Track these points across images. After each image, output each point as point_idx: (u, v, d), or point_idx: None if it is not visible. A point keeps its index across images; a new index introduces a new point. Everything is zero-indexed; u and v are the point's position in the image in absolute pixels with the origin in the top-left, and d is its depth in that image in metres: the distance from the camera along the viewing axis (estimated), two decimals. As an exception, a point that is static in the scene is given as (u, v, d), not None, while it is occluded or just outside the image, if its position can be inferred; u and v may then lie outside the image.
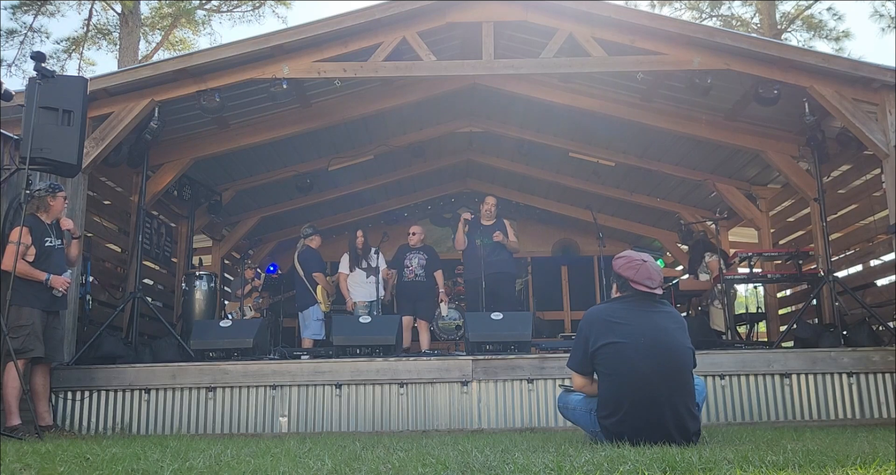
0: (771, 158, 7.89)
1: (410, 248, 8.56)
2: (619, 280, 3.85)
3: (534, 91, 8.08)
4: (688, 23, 7.78)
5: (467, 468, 2.67)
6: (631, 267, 3.78)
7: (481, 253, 7.99)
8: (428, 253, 8.59)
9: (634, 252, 3.93)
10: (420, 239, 8.62)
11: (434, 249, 8.85)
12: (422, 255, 8.52)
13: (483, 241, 8.07)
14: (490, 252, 8.04)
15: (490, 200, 8.38)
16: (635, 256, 3.84)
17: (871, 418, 5.81)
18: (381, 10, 6.54)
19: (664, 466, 2.56)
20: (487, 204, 8.32)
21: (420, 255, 8.52)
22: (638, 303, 3.78)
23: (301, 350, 7.71)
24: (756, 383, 5.91)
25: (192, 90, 6.66)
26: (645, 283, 3.73)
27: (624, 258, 3.85)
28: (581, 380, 3.90)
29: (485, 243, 8.07)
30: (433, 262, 8.54)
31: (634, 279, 3.74)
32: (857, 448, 3.23)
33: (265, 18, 35.48)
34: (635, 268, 3.76)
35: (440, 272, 8.58)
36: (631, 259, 3.82)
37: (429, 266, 8.48)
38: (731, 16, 20.31)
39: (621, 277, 3.81)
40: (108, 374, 5.97)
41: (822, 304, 7.40)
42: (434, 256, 8.62)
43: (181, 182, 8.23)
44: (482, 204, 8.42)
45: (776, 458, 2.76)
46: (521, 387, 5.91)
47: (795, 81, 6.54)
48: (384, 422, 5.83)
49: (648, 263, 3.80)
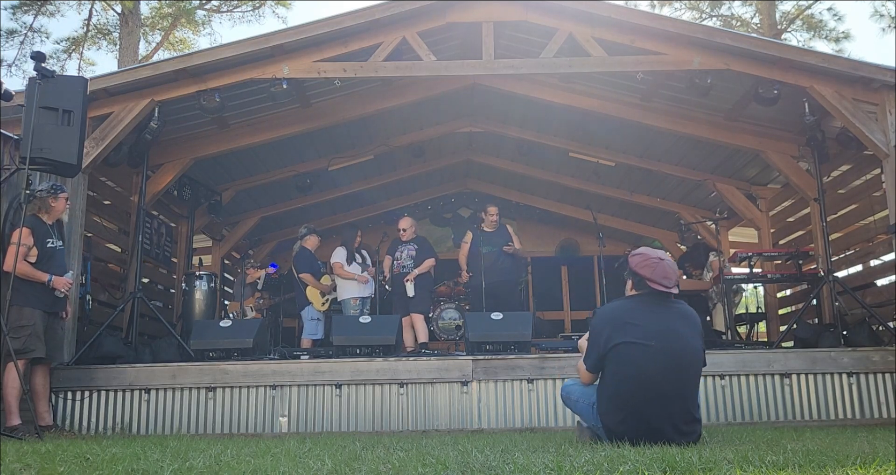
0: (771, 158, 7.89)
1: (402, 241, 8.47)
2: (634, 277, 3.77)
3: (534, 91, 8.08)
4: (688, 23, 7.79)
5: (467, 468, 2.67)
6: (648, 265, 3.71)
7: (487, 261, 7.98)
8: (419, 244, 8.43)
9: (650, 249, 3.85)
10: (412, 233, 8.45)
11: (427, 240, 8.72)
12: (412, 247, 8.38)
13: (488, 249, 8.07)
14: (495, 260, 8.04)
15: (493, 210, 8.33)
16: (652, 254, 3.77)
17: (871, 418, 5.81)
18: (381, 10, 6.54)
19: (664, 466, 2.56)
20: (491, 214, 8.26)
21: (410, 247, 8.38)
22: (653, 302, 3.72)
23: (301, 350, 7.71)
24: (756, 383, 5.91)
25: (192, 90, 6.65)
26: (662, 283, 3.68)
27: (640, 256, 3.77)
28: (591, 378, 3.87)
29: (490, 251, 8.07)
30: (423, 252, 8.34)
31: (651, 277, 3.68)
32: (857, 448, 3.23)
33: (265, 18, 35.40)
34: (652, 267, 3.70)
35: (431, 260, 8.33)
36: (648, 257, 3.75)
37: (419, 256, 8.29)
38: (731, 16, 20.31)
39: (637, 275, 3.74)
40: (108, 374, 5.97)
41: (822, 304, 7.40)
42: (425, 247, 8.43)
43: (181, 182, 8.23)
44: (484, 213, 8.36)
45: (776, 458, 2.76)
46: (521, 387, 5.91)
47: (795, 81, 6.53)
48: (384, 422, 5.83)
49: (665, 262, 3.73)
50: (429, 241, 8.67)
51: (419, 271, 8.19)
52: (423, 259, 8.28)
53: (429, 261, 8.29)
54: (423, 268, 8.23)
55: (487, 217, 8.30)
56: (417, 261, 8.29)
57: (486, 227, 8.29)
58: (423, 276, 8.25)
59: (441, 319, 9.64)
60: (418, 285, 8.19)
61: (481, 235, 8.19)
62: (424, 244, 8.49)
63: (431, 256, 8.37)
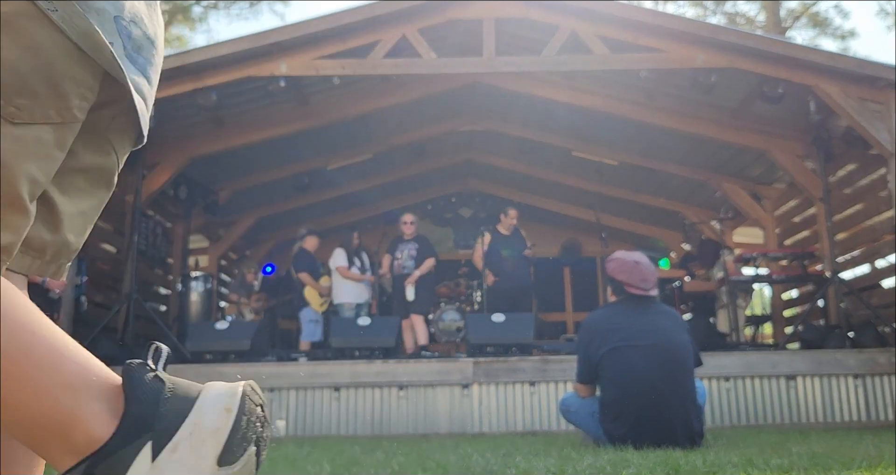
0: (776, 157, 7.83)
1: (403, 240, 8.24)
2: (612, 283, 3.86)
3: (535, 89, 8.03)
4: (691, 20, 7.75)
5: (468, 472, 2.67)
6: (624, 270, 3.78)
7: (508, 265, 7.91)
8: (420, 243, 8.19)
9: (625, 253, 3.93)
10: (415, 229, 8.24)
11: (427, 239, 8.46)
12: (412, 246, 8.15)
13: (508, 253, 8.01)
14: (516, 264, 7.97)
15: (513, 213, 8.16)
16: (627, 258, 3.84)
17: (877, 420, 5.78)
18: (380, 6, 6.48)
19: (668, 470, 2.55)
20: (512, 217, 8.10)
21: (411, 246, 8.15)
22: (634, 304, 3.78)
23: (299, 352, 7.65)
24: (761, 385, 5.87)
25: (188, 88, 6.60)
26: (639, 286, 3.76)
27: (616, 261, 3.85)
28: (587, 391, 3.92)
29: (510, 255, 8.01)
30: (424, 252, 8.08)
31: (628, 282, 3.76)
32: (863, 451, 3.22)
33: (262, 15, 35.43)
34: (628, 271, 3.77)
35: (431, 260, 8.06)
36: (623, 261, 3.81)
37: (420, 256, 8.07)
38: (735, 13, 20.34)
39: (615, 281, 3.82)
40: (103, 376, 5.89)
41: (828, 306, 7.34)
42: (426, 246, 8.20)
43: (177, 181, 8.16)
44: (504, 215, 8.19)
45: (781, 462, 2.75)
46: (522, 389, 5.85)
47: (801, 80, 6.48)
48: (383, 426, 5.77)
49: (641, 264, 3.80)
50: (429, 240, 8.50)
51: (420, 273, 8.01)
52: (423, 259, 8.09)
53: (429, 262, 8.05)
54: (424, 269, 8.04)
55: (507, 220, 8.13)
56: (418, 261, 8.09)
57: (503, 230, 8.18)
58: (423, 278, 8.06)
59: (441, 321, 9.57)
60: (419, 286, 8.05)
61: (499, 238, 8.10)
62: (425, 243, 8.27)
63: (432, 256, 8.17)
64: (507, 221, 8.12)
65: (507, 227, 8.16)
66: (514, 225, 8.17)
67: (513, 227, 8.16)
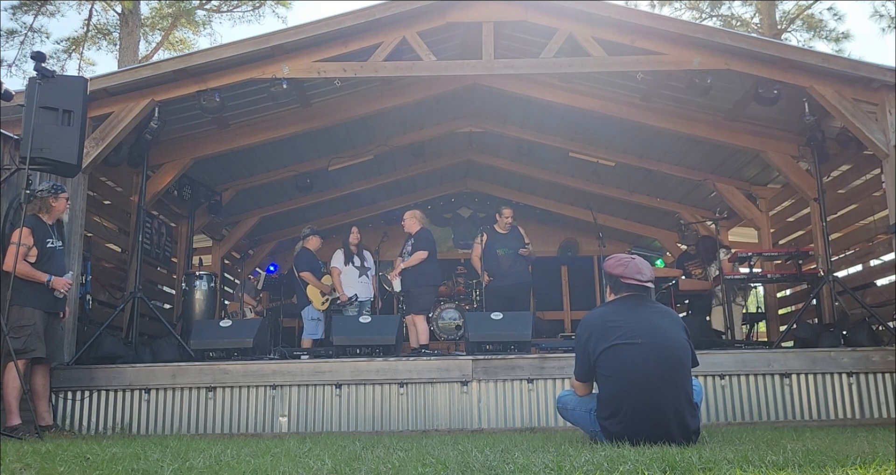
0: (771, 158, 7.89)
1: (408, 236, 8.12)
2: (610, 279, 3.91)
3: (534, 91, 8.08)
4: (688, 23, 7.79)
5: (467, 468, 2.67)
6: (620, 264, 3.85)
7: (504, 263, 7.96)
8: (417, 237, 7.93)
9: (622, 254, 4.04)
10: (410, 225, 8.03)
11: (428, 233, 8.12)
12: (411, 241, 8.00)
13: (504, 252, 8.06)
14: (512, 262, 8.02)
15: (508, 212, 8.25)
16: (624, 256, 3.95)
17: (871, 418, 5.80)
18: (381, 9, 6.53)
19: (664, 466, 2.55)
20: (506, 216, 8.18)
21: (410, 241, 8.02)
22: (632, 303, 3.82)
23: (301, 350, 7.71)
24: (756, 383, 5.90)
25: (192, 90, 6.65)
26: (635, 277, 3.79)
27: (613, 259, 3.94)
28: (585, 388, 3.95)
29: (506, 253, 8.06)
30: (418, 244, 7.85)
31: (625, 274, 3.80)
32: (857, 448, 3.22)
33: (265, 18, 35.54)
34: (625, 265, 3.83)
35: (419, 253, 7.78)
36: (620, 258, 3.91)
37: (413, 250, 7.86)
38: (731, 15, 20.31)
39: (612, 276, 3.87)
40: (108, 374, 5.97)
41: (822, 304, 7.40)
42: (420, 239, 7.90)
43: (181, 182, 8.24)
44: (499, 214, 8.28)
45: (776, 458, 2.76)
46: (521, 387, 5.90)
47: (795, 81, 6.53)
48: (384, 422, 5.83)
49: (637, 260, 3.88)
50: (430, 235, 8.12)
51: (405, 266, 7.84)
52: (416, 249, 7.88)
53: (418, 254, 7.79)
54: (411, 261, 7.81)
55: (502, 219, 8.21)
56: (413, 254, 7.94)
57: (500, 229, 8.23)
58: (424, 275, 7.84)
59: (441, 319, 9.65)
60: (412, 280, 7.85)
61: (496, 237, 8.16)
62: (421, 237, 7.97)
63: (422, 249, 7.82)
64: (503, 220, 8.22)
65: (504, 226, 8.22)
66: (511, 223, 8.22)
67: (510, 225, 8.22)
